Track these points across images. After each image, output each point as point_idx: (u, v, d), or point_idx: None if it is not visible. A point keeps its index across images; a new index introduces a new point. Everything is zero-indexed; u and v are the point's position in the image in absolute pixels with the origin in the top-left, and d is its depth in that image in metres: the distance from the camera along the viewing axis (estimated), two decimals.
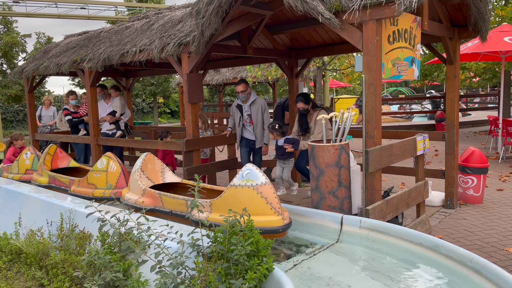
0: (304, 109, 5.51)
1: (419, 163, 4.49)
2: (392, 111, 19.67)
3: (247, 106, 5.96)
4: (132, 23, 6.67)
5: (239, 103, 6.02)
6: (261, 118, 5.96)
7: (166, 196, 4.11)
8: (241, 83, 5.89)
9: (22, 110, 25.60)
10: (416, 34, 4.12)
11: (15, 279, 3.40)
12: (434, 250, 2.99)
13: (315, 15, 3.64)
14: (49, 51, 7.85)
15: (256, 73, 12.62)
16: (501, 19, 10.89)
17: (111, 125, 7.48)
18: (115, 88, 7.72)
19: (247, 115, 5.97)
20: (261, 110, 5.96)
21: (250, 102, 5.93)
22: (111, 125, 7.48)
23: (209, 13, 4.34)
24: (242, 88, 5.87)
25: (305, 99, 5.49)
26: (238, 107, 6.03)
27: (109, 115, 7.44)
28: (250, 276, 2.40)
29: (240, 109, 6.01)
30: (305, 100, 5.48)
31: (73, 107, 8.05)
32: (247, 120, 5.97)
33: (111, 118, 7.42)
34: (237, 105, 6.05)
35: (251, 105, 5.94)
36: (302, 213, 3.93)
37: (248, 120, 5.96)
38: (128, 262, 2.93)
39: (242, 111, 5.99)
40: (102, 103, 7.57)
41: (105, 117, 7.44)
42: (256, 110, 5.93)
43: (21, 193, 4.74)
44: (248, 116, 5.96)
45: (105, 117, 7.44)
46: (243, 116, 6.00)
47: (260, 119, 5.96)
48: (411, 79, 4.33)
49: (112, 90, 7.68)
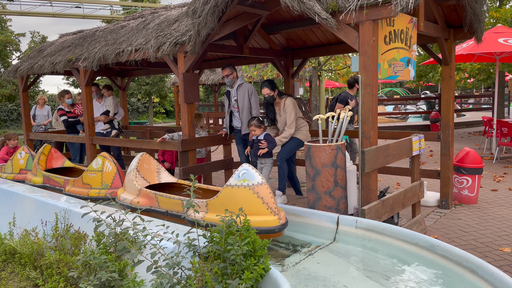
0: (270, 96, 5.22)
1: (414, 163, 4.51)
2: (387, 112, 19.73)
3: (234, 91, 5.61)
4: (128, 22, 6.65)
5: (228, 89, 5.72)
6: (247, 102, 5.57)
7: (162, 196, 4.10)
8: (226, 67, 5.58)
9: (16, 109, 25.43)
10: (412, 34, 4.14)
11: (9, 279, 3.37)
12: (430, 250, 3.00)
13: (311, 15, 3.65)
14: (43, 50, 7.80)
15: (252, 73, 12.61)
16: (496, 21, 10.96)
17: (106, 125, 7.42)
18: (108, 88, 7.65)
19: (234, 101, 5.63)
20: (247, 94, 5.57)
21: (236, 86, 5.59)
22: (106, 125, 7.42)
23: (206, 12, 4.33)
24: (227, 72, 5.54)
25: (271, 85, 5.22)
26: (227, 93, 5.75)
27: (103, 115, 7.38)
28: (246, 276, 2.40)
29: (228, 95, 5.71)
30: (270, 86, 5.21)
31: (68, 107, 7.95)
32: (235, 106, 5.63)
33: (105, 118, 7.36)
34: (226, 92, 5.79)
35: (238, 89, 5.59)
36: (298, 213, 3.93)
37: (236, 105, 5.62)
38: (124, 262, 2.91)
39: (230, 98, 5.69)
40: (95, 103, 7.50)
41: (99, 117, 7.37)
42: (243, 94, 5.56)
43: (15, 192, 4.70)
44: (235, 102, 5.62)
45: (99, 117, 7.37)
46: (231, 102, 5.68)
47: (247, 104, 5.57)
48: (407, 80, 4.35)
49: (105, 90, 7.61)
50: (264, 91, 5.22)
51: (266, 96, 5.24)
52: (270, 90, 5.21)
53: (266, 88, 5.20)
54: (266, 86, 5.21)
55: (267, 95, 5.23)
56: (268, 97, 5.25)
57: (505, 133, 8.51)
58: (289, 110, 5.14)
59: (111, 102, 7.53)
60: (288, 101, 5.20)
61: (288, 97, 5.26)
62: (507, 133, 8.47)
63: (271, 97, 5.24)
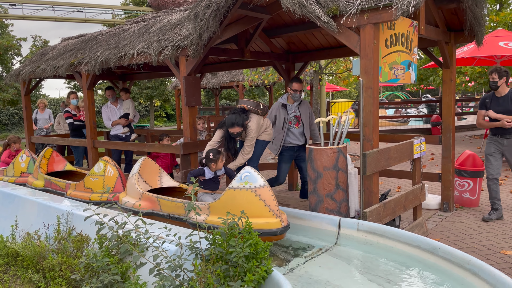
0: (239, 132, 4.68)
1: (416, 166, 4.51)
2: (388, 115, 19.76)
3: (294, 107, 5.33)
4: (130, 26, 6.68)
5: (284, 102, 5.35)
6: (308, 120, 5.37)
7: (164, 200, 4.11)
8: (299, 82, 5.25)
9: (17, 113, 25.49)
10: (413, 38, 4.15)
11: (12, 282, 3.37)
12: (432, 253, 3.00)
13: (313, 19, 3.67)
14: (46, 53, 7.83)
15: (253, 77, 12.64)
16: (496, 24, 10.99)
17: (125, 128, 7.25)
18: (125, 91, 7.49)
19: (293, 116, 5.32)
20: (308, 111, 5.40)
21: (298, 103, 5.34)
22: (125, 128, 7.25)
23: (207, 16, 4.36)
24: (301, 87, 5.26)
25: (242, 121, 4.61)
26: (283, 106, 5.33)
27: (123, 118, 7.21)
28: (249, 278, 2.40)
29: (285, 108, 5.32)
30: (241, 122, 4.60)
31: (74, 109, 7.87)
32: (292, 122, 5.31)
33: (126, 121, 7.20)
34: (282, 105, 5.35)
35: (300, 105, 5.36)
36: (300, 216, 3.94)
37: (294, 122, 5.32)
38: (126, 264, 2.92)
39: (287, 111, 5.33)
40: (110, 106, 7.30)
41: (120, 120, 7.18)
42: (305, 111, 5.36)
43: (17, 196, 4.72)
44: (294, 118, 5.32)
45: (119, 120, 7.18)
46: (288, 117, 5.31)
47: (307, 121, 5.37)
48: (408, 83, 4.36)
49: (123, 93, 7.46)
50: (234, 130, 4.62)
51: (235, 134, 4.67)
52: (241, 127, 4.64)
53: (237, 127, 4.61)
54: (237, 125, 4.60)
55: (236, 133, 4.67)
56: (236, 135, 4.71)
57: None
58: (251, 136, 4.73)
59: (130, 105, 7.36)
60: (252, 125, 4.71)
61: (251, 120, 4.72)
62: None
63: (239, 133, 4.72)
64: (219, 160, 4.25)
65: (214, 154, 4.23)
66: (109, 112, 7.26)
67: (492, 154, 5.06)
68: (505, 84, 4.94)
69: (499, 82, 4.90)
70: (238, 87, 14.51)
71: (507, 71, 4.92)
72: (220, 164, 4.28)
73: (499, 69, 4.92)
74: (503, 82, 4.90)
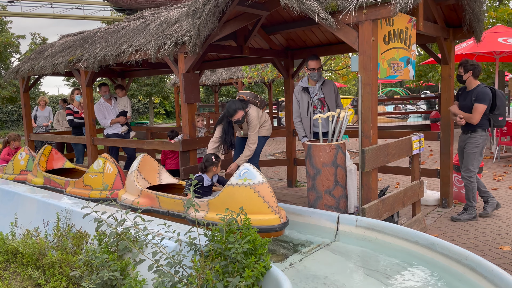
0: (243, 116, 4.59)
1: (414, 162, 4.52)
2: (387, 112, 19.75)
3: (317, 88, 4.79)
4: (128, 23, 6.67)
5: (305, 85, 4.84)
6: (334, 102, 4.81)
7: (163, 196, 4.11)
8: (316, 59, 4.68)
9: (16, 110, 25.46)
10: (412, 34, 4.15)
11: (12, 279, 3.39)
12: (430, 248, 3.01)
13: (311, 16, 3.67)
14: (44, 51, 7.82)
15: (252, 74, 12.63)
16: (495, 20, 10.98)
17: (124, 126, 7.08)
18: (121, 88, 7.35)
19: (317, 100, 4.77)
20: (334, 92, 4.80)
21: (321, 83, 4.79)
22: (124, 126, 7.08)
23: (206, 13, 4.35)
24: (318, 65, 4.70)
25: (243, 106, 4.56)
26: (305, 90, 4.83)
27: (122, 116, 7.06)
28: (247, 274, 2.41)
29: (307, 92, 4.81)
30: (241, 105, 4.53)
31: (77, 106, 7.74)
32: (317, 106, 4.78)
33: (124, 119, 7.05)
34: (302, 88, 4.83)
35: (323, 86, 4.80)
36: (299, 212, 3.95)
37: (319, 105, 4.77)
38: (126, 261, 2.93)
39: (310, 95, 4.82)
40: (105, 104, 7.05)
41: (119, 119, 7.01)
42: (329, 92, 4.79)
43: (17, 193, 4.72)
44: (319, 101, 4.77)
45: (118, 119, 7.01)
46: (312, 101, 4.80)
47: (333, 103, 4.80)
48: (406, 79, 4.36)
49: (119, 90, 7.32)
50: (237, 116, 4.54)
51: (239, 119, 4.58)
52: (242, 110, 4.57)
53: (240, 111, 4.53)
54: (239, 109, 4.52)
55: (241, 118, 4.58)
56: (241, 120, 4.60)
57: (505, 132, 8.52)
58: (253, 124, 4.67)
59: (127, 102, 7.22)
60: (252, 114, 4.66)
61: (250, 109, 4.69)
62: (507, 132, 8.49)
63: (243, 117, 4.63)
64: (219, 164, 4.23)
65: (216, 157, 4.20)
66: (105, 110, 7.02)
67: (459, 151, 5.11)
68: (473, 78, 4.83)
69: (464, 76, 4.85)
70: (237, 84, 14.51)
71: (474, 64, 4.82)
72: (219, 169, 4.26)
73: (465, 63, 4.86)
74: (469, 76, 4.83)
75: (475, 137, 4.81)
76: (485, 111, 4.74)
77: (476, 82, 4.84)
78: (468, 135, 4.87)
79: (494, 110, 4.79)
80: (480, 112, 4.70)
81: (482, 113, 4.71)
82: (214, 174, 4.26)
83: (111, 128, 7.06)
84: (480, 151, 4.83)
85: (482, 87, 4.76)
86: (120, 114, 7.11)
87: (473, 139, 4.82)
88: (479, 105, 4.69)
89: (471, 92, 4.81)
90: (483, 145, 4.82)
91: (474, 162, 4.82)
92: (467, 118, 4.78)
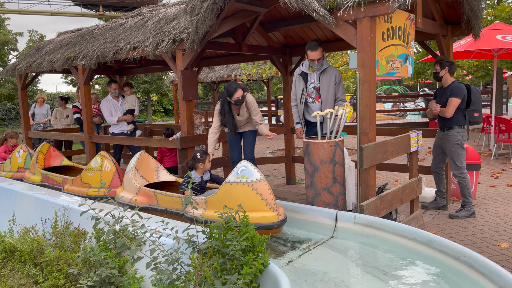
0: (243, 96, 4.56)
1: (412, 159, 4.52)
2: (386, 109, 19.77)
3: (315, 75, 4.51)
4: (126, 20, 6.64)
5: (305, 70, 4.57)
6: (332, 93, 4.48)
7: (161, 194, 4.11)
8: (315, 49, 4.37)
9: (14, 108, 25.38)
10: (410, 31, 4.15)
11: (10, 276, 3.38)
12: (428, 245, 3.02)
13: (309, 12, 3.65)
14: (42, 48, 7.79)
15: (250, 71, 12.61)
16: (493, 18, 10.97)
17: (130, 125, 6.87)
18: (130, 85, 7.17)
19: (312, 88, 4.51)
20: (333, 82, 4.45)
21: (320, 71, 4.48)
22: (130, 125, 6.87)
23: (204, 10, 4.34)
24: (319, 55, 4.40)
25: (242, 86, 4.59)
26: (302, 75, 4.56)
27: (129, 115, 6.84)
28: (245, 271, 2.41)
29: (304, 78, 4.55)
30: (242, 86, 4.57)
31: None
32: (311, 95, 4.55)
33: (132, 118, 6.87)
34: (300, 73, 4.58)
35: (322, 74, 4.48)
36: (297, 209, 3.95)
37: (314, 94, 4.51)
38: (124, 258, 2.93)
39: (306, 82, 4.57)
40: (112, 101, 6.81)
41: (126, 117, 6.79)
42: (328, 82, 4.45)
43: (14, 190, 4.71)
44: (314, 90, 4.49)
45: (125, 117, 6.79)
46: (307, 89, 4.56)
47: (331, 94, 4.47)
48: (405, 77, 4.35)
49: (127, 87, 7.14)
50: (238, 94, 4.52)
51: (240, 99, 4.54)
52: (242, 90, 4.58)
53: (240, 89, 4.53)
54: (239, 87, 4.54)
55: (241, 97, 4.55)
56: (241, 99, 4.58)
57: (503, 129, 8.53)
58: (255, 106, 4.72)
59: (135, 100, 7.06)
60: (250, 98, 4.75)
61: (248, 94, 4.79)
62: (505, 129, 8.50)
63: (243, 96, 4.61)
64: (206, 160, 4.19)
65: (201, 154, 4.17)
66: (112, 107, 6.79)
67: (434, 147, 5.14)
68: (449, 75, 4.86)
69: (441, 72, 4.87)
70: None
71: (450, 61, 4.87)
72: (207, 164, 4.22)
73: (441, 60, 4.89)
74: (445, 72, 4.85)
75: (452, 135, 4.85)
76: (461, 107, 4.79)
77: (452, 79, 4.90)
78: (445, 133, 4.91)
79: (470, 106, 4.84)
80: (454, 106, 4.74)
81: (455, 107, 4.75)
82: (204, 171, 4.24)
83: (117, 126, 6.84)
84: (462, 146, 4.87)
85: (457, 83, 4.83)
86: (127, 112, 6.89)
87: (451, 137, 4.85)
88: (453, 98, 4.74)
89: (447, 89, 4.87)
90: (462, 141, 4.86)
91: (460, 158, 4.86)
92: (442, 112, 4.83)
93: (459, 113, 4.80)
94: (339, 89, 4.53)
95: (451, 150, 4.85)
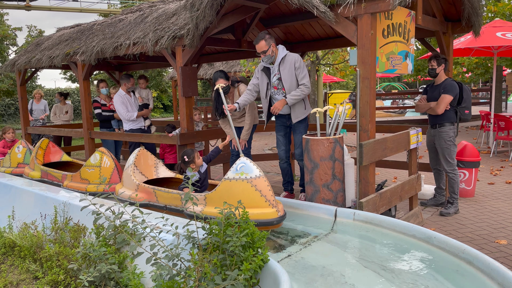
0: (227, 86, 4.85)
1: (412, 156, 4.53)
2: (385, 106, 19.75)
3: (276, 68, 4.48)
4: (126, 16, 6.62)
5: (266, 65, 4.55)
6: (295, 80, 4.40)
7: (160, 191, 4.11)
8: (260, 40, 4.37)
9: (13, 103, 25.32)
10: (410, 28, 4.14)
11: (9, 272, 3.39)
12: (427, 242, 3.03)
13: (310, 9, 3.65)
14: (41, 43, 7.77)
15: (250, 67, 12.59)
16: (494, 15, 10.96)
17: (147, 120, 6.55)
18: (145, 79, 6.90)
19: (277, 80, 4.48)
20: (293, 67, 4.37)
21: (279, 62, 4.45)
22: (147, 120, 6.55)
23: (204, 5, 4.32)
24: (264, 47, 4.37)
25: (225, 75, 4.87)
26: (264, 70, 4.57)
27: (145, 109, 6.52)
28: (245, 267, 2.42)
29: (267, 72, 4.55)
30: (225, 76, 4.85)
31: (105, 99, 7.21)
32: (278, 87, 4.50)
33: (149, 112, 6.60)
34: (263, 68, 4.59)
35: (281, 64, 4.44)
36: (296, 206, 3.95)
37: (280, 86, 4.48)
38: (123, 254, 2.93)
39: (269, 76, 4.56)
40: (126, 96, 6.38)
41: (144, 112, 6.47)
42: (288, 70, 4.38)
43: (14, 186, 4.71)
44: (278, 81, 4.47)
45: (144, 112, 6.46)
46: (271, 82, 4.53)
47: (294, 82, 4.40)
48: (405, 73, 4.35)
49: (143, 80, 6.86)
50: (218, 83, 4.75)
51: (224, 87, 4.69)
52: (225, 80, 4.86)
53: (221, 79, 4.80)
54: (221, 77, 4.81)
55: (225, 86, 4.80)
56: (225, 88, 4.77)
57: (502, 127, 8.55)
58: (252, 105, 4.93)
59: (150, 94, 6.84)
60: (242, 87, 5.02)
61: (241, 83, 5.07)
62: (505, 127, 8.51)
63: (228, 87, 4.91)
64: (195, 158, 4.15)
65: (188, 155, 4.13)
66: (127, 102, 6.35)
67: (428, 145, 5.15)
68: (443, 72, 4.89)
69: (437, 69, 4.88)
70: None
71: (445, 58, 4.89)
72: (198, 161, 4.18)
73: (438, 56, 4.89)
74: (441, 69, 4.87)
75: (445, 132, 4.87)
76: (453, 104, 4.81)
77: (445, 76, 4.93)
78: (437, 130, 4.93)
79: (461, 103, 4.87)
80: (446, 103, 4.76)
81: (447, 104, 4.77)
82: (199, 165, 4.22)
83: (134, 122, 6.37)
84: (454, 143, 4.89)
85: (450, 80, 4.86)
86: (142, 107, 6.54)
87: (443, 133, 4.87)
88: (446, 95, 4.76)
89: (440, 85, 4.88)
90: (454, 137, 4.89)
91: (452, 154, 4.90)
92: (433, 107, 4.84)
93: (451, 110, 4.83)
94: (299, 73, 4.40)
95: (444, 147, 4.87)
